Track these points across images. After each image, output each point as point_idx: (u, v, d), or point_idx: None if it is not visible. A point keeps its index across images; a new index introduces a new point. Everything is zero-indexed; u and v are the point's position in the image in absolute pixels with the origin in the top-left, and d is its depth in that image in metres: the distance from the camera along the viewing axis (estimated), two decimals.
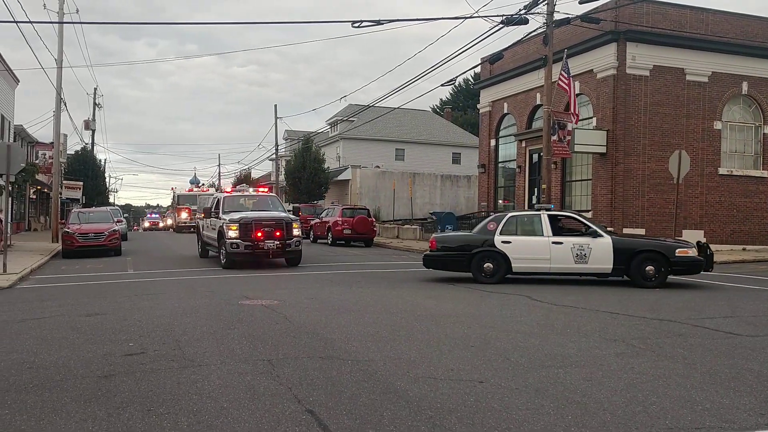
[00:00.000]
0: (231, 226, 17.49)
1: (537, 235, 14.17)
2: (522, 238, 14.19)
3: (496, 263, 14.08)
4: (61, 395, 5.50)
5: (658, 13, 23.34)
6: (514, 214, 14.89)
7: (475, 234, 14.82)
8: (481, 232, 14.70)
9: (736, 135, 25.10)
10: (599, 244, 13.76)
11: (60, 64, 31.04)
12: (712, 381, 5.90)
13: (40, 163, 42.46)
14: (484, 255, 14.15)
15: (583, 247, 13.78)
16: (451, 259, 14.62)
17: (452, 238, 15.42)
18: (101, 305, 10.97)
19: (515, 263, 14.06)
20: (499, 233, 14.22)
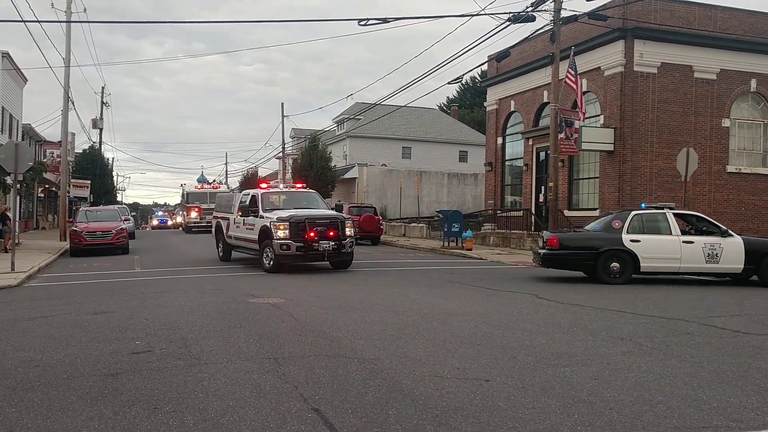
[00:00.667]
0: (279, 225, 15.92)
1: (664, 234, 14.00)
2: (651, 237, 13.96)
3: (623, 263, 13.83)
4: (67, 393, 5.52)
5: (666, 10, 23.22)
6: (638, 212, 14.52)
7: (599, 233, 14.46)
8: (605, 230, 14.38)
9: (745, 132, 24.94)
10: (730, 243, 13.74)
11: (68, 63, 31.16)
12: (719, 380, 5.87)
13: (48, 161, 42.67)
14: (611, 254, 13.85)
15: (714, 247, 13.70)
16: (575, 259, 14.28)
17: (576, 236, 14.92)
18: (108, 303, 11.00)
19: (644, 263, 13.84)
20: (626, 232, 13.97)
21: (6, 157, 16.79)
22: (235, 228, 18.76)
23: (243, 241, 18.25)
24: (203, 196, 41.98)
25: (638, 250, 13.81)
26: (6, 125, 35.36)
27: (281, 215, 16.32)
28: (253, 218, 17.39)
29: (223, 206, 20.71)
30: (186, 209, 43.25)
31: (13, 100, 37.11)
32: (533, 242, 24.72)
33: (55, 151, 45.96)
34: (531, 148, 28.28)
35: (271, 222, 16.21)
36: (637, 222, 14.14)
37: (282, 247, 15.88)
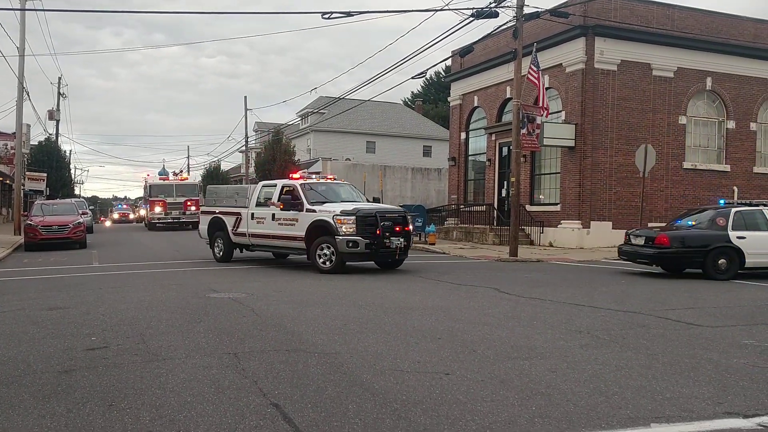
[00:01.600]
0: (345, 220, 14.45)
1: (763, 230, 14.25)
2: (756, 233, 14.17)
3: (729, 259, 13.96)
4: (19, 391, 5.38)
5: (626, 9, 23.61)
6: (739, 209, 14.63)
7: (705, 230, 14.44)
8: (710, 227, 14.42)
9: (701, 130, 25.54)
10: None
11: (22, 52, 30.28)
12: (672, 371, 6.01)
13: (2, 153, 41.49)
14: (719, 251, 13.95)
15: None
16: (687, 257, 14.24)
17: (689, 235, 14.59)
18: (64, 299, 10.75)
19: (749, 258, 14.02)
20: (732, 228, 14.10)
21: None
22: (255, 224, 16.63)
23: (274, 239, 16.17)
24: (169, 188, 38.00)
25: (744, 247, 14.02)
26: None
27: (345, 208, 14.86)
28: (295, 212, 15.47)
29: (223, 200, 18.38)
30: (149, 203, 38.26)
31: None
32: (495, 236, 24.98)
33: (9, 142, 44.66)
34: (494, 144, 28.52)
35: (333, 216, 14.58)
36: (739, 219, 14.34)
37: (349, 245, 14.37)
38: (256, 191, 17.24)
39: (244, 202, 17.34)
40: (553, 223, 24.18)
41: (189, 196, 37.84)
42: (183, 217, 37.09)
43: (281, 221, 15.91)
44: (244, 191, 18.01)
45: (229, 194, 18.56)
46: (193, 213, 36.08)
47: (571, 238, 23.15)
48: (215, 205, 18.53)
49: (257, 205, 16.88)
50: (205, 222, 18.55)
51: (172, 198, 36.97)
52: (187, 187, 38.67)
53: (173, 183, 38.42)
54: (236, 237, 17.34)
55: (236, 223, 17.29)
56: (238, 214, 17.29)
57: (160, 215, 37.12)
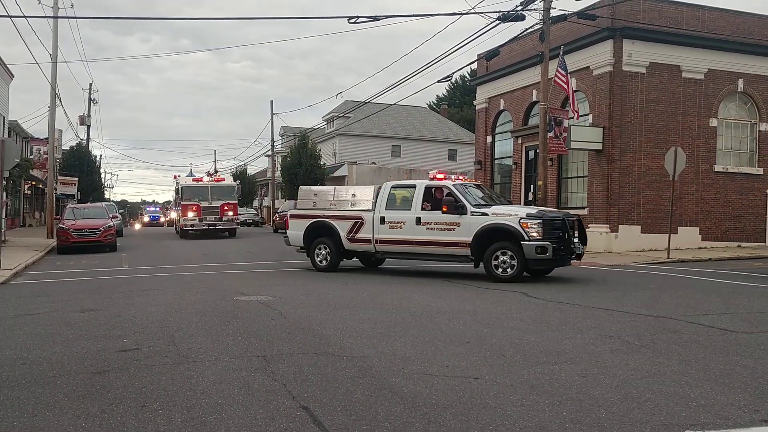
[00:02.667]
0: (531, 224, 13.49)
1: None
2: None
3: None
4: (54, 391, 5.47)
5: (655, 10, 23.32)
6: None
7: None
8: None
9: (732, 132, 25.10)
10: None
11: (55, 59, 30.91)
12: (706, 377, 5.90)
13: (35, 158, 42.34)
14: None
15: None
16: None
17: None
18: (95, 301, 10.93)
19: None
20: None
21: None
22: (387, 229, 15.14)
23: (420, 246, 14.79)
24: (203, 191, 32.51)
25: None
26: None
27: (529, 211, 14.04)
28: (455, 216, 14.25)
29: (329, 202, 16.55)
30: (181, 207, 33.04)
31: None
32: None
33: (42, 147, 45.57)
34: (520, 147, 28.34)
35: (520, 219, 13.63)
36: None
37: (537, 250, 13.41)
38: (384, 193, 15.66)
39: (366, 205, 15.79)
40: None
41: (226, 199, 32.70)
42: (219, 223, 32.42)
43: (432, 225, 14.54)
44: (364, 193, 16.36)
45: (340, 196, 16.64)
46: (230, 219, 32.62)
47: (598, 242, 22.88)
48: (315, 208, 16.70)
49: (387, 208, 15.40)
50: (299, 227, 16.52)
51: (207, 202, 32.00)
52: (224, 189, 33.20)
53: (208, 184, 33.06)
54: (353, 244, 15.76)
55: (354, 229, 15.66)
56: (357, 218, 15.67)
57: (194, 221, 32.13)
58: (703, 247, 23.20)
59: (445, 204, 14.39)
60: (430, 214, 14.63)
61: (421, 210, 14.81)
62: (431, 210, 14.68)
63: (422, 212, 14.76)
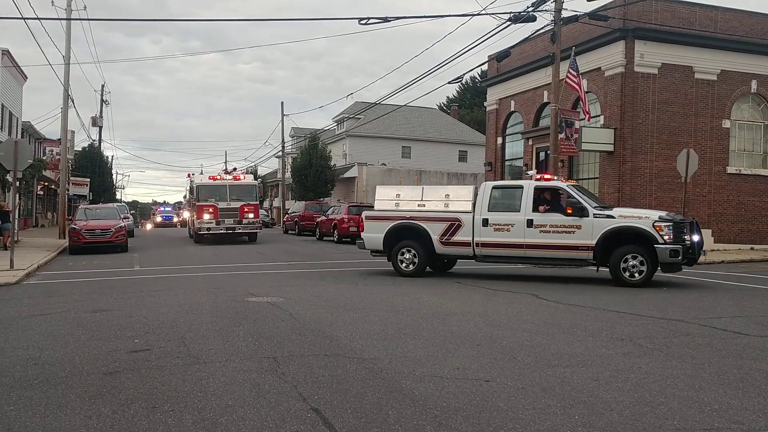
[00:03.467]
0: (663, 227, 13.09)
1: None
2: None
3: None
4: (66, 391, 5.50)
5: (667, 11, 23.20)
6: None
7: None
8: None
9: (745, 133, 24.94)
10: None
11: (68, 60, 31.12)
12: (720, 381, 5.85)
13: (48, 159, 42.62)
14: None
15: None
16: None
17: None
18: (107, 301, 10.98)
19: None
20: None
21: (5, 155, 16.76)
22: (492, 232, 14.37)
23: (532, 249, 14.09)
24: (220, 190, 28.95)
25: None
26: (6, 123, 35.34)
27: (660, 214, 13.61)
28: (575, 218, 13.66)
29: (416, 202, 15.62)
30: (196, 209, 29.26)
31: (12, 98, 37.08)
32: None
33: (54, 148, 45.91)
34: (531, 148, 28.26)
35: (653, 222, 13.15)
36: None
37: (671, 254, 12.98)
38: (485, 194, 14.83)
39: (464, 206, 14.98)
40: None
41: (246, 199, 29.20)
42: (239, 226, 28.79)
43: (546, 228, 13.91)
44: (461, 193, 15.48)
45: (431, 196, 15.67)
46: (251, 221, 29.01)
47: None
48: (399, 209, 15.64)
49: (490, 209, 14.61)
50: (379, 229, 15.39)
51: (225, 202, 28.61)
52: (244, 189, 29.66)
53: (226, 183, 29.42)
54: (447, 247, 14.91)
55: (449, 231, 14.79)
56: (453, 220, 14.78)
57: (210, 224, 28.50)
58: (716, 249, 23.03)
59: (569, 206, 13.91)
60: (545, 216, 14.01)
61: (532, 212, 14.12)
62: (546, 212, 14.09)
63: (534, 214, 14.08)
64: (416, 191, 16.02)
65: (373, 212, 16.13)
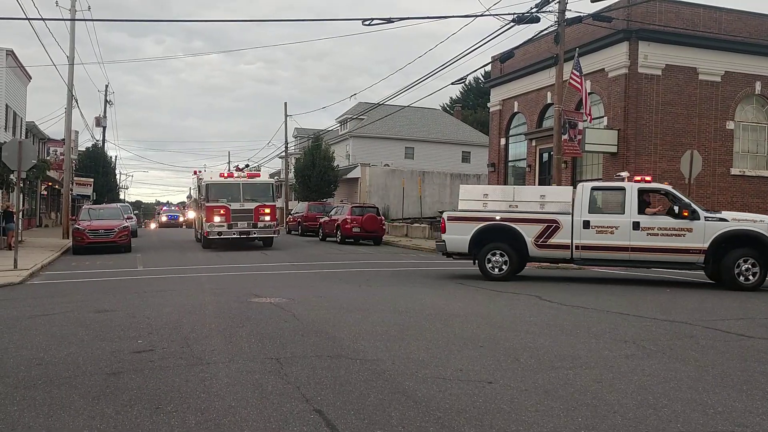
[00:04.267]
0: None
1: None
2: None
3: None
4: (69, 392, 5.51)
5: (671, 12, 23.17)
6: None
7: None
8: None
9: (749, 135, 24.89)
10: None
11: (72, 61, 31.18)
12: (724, 384, 5.84)
13: (52, 159, 42.72)
14: None
15: None
16: None
17: None
18: (110, 302, 11.00)
19: None
20: None
21: (9, 155, 16.81)
22: (594, 234, 13.99)
23: (639, 252, 13.79)
24: (233, 189, 25.46)
25: None
26: (10, 123, 35.42)
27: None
28: (685, 221, 13.49)
29: (508, 203, 15.03)
30: (206, 210, 25.43)
31: (17, 98, 37.17)
32: None
33: (58, 149, 46.02)
34: (534, 149, 28.24)
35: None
36: None
37: None
38: (583, 195, 14.37)
39: (561, 207, 14.58)
40: None
41: (261, 200, 25.66)
42: (254, 230, 25.37)
43: (655, 231, 13.66)
44: (558, 194, 15.06)
45: (524, 197, 15.13)
46: (267, 225, 25.49)
47: None
48: (487, 209, 14.96)
49: (591, 211, 14.21)
50: (464, 231, 14.66)
51: (238, 203, 25.13)
52: (259, 188, 26.22)
53: (239, 181, 25.82)
54: (543, 250, 14.40)
55: (545, 233, 14.30)
56: (550, 221, 14.30)
57: (221, 227, 24.87)
58: None
59: (684, 208, 13.65)
60: (652, 219, 13.82)
61: (638, 214, 13.85)
62: (656, 214, 14.01)
63: (641, 216, 13.82)
64: (507, 191, 15.43)
65: (457, 213, 15.32)
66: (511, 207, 14.90)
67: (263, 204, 25.54)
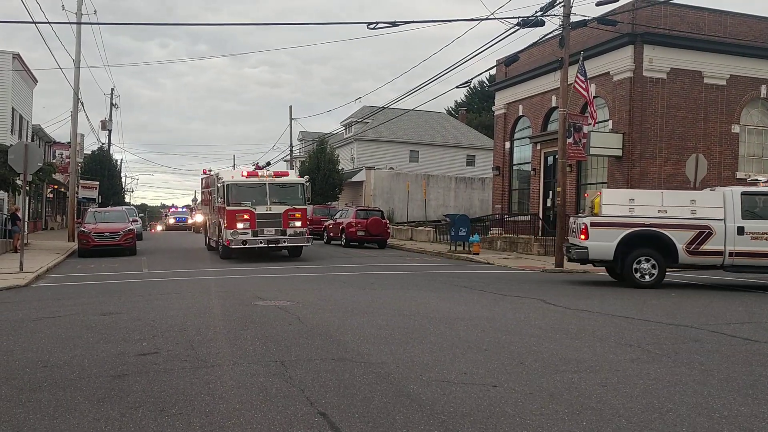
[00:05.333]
0: None
1: None
2: None
3: None
4: (74, 394, 5.52)
5: (676, 16, 23.14)
6: None
7: None
8: None
9: (755, 138, 24.81)
10: None
11: (78, 64, 31.33)
12: (729, 388, 5.82)
13: (57, 162, 42.88)
14: None
15: None
16: None
17: None
18: (116, 304, 11.03)
19: None
20: None
21: (16, 158, 16.88)
22: (749, 241, 13.88)
23: None
24: (258, 191, 21.71)
25: None
26: (16, 126, 35.55)
27: None
28: None
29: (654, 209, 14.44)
30: (227, 215, 21.38)
31: (23, 101, 37.31)
32: (540, 247, 24.66)
33: (64, 152, 46.17)
34: (539, 153, 28.21)
35: None
36: None
37: None
38: (734, 201, 14.10)
39: (713, 213, 14.16)
40: None
41: (291, 203, 22.15)
42: (283, 238, 21.64)
43: None
44: (709, 199, 14.58)
45: (674, 202, 14.54)
46: (298, 231, 21.80)
47: None
48: (634, 215, 14.38)
49: (744, 217, 13.97)
50: (611, 237, 14.21)
51: (265, 207, 21.52)
52: (288, 189, 22.45)
53: (265, 181, 21.98)
54: (694, 257, 14.08)
55: (697, 240, 13.98)
56: (702, 227, 13.99)
57: (245, 235, 21.12)
58: None
59: None
60: None
61: None
62: None
63: None
64: (654, 196, 14.99)
65: (601, 219, 14.61)
66: (660, 212, 14.41)
67: (293, 207, 21.90)
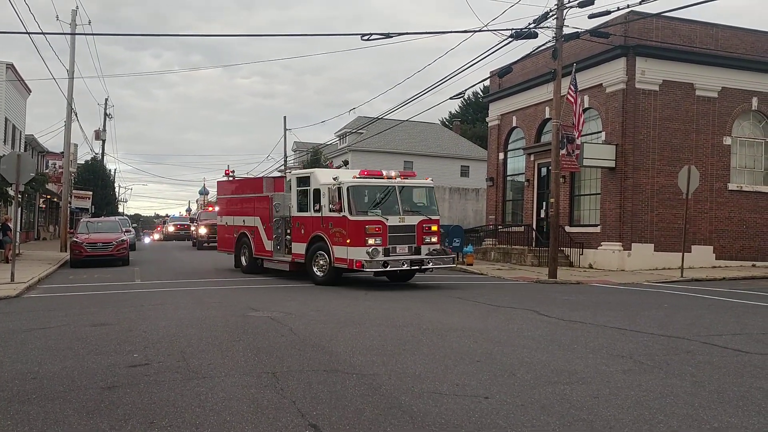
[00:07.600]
0: None
1: None
2: None
3: None
4: (63, 406, 5.49)
5: (668, 28, 23.31)
6: None
7: None
8: None
9: (746, 150, 24.94)
10: None
11: (72, 75, 31.31)
12: (720, 399, 5.83)
13: (51, 172, 42.78)
14: None
15: None
16: None
17: None
18: (107, 315, 10.97)
19: None
20: None
21: (8, 168, 16.83)
22: None
23: None
24: (387, 196, 16.75)
25: None
26: (9, 136, 35.47)
27: None
28: None
29: None
30: (350, 227, 15.97)
31: (16, 111, 37.25)
32: (534, 258, 24.69)
33: (57, 162, 46.08)
34: (532, 164, 28.29)
35: None
36: None
37: None
38: None
39: None
40: (593, 245, 23.79)
41: (423, 212, 17.21)
42: (425, 258, 16.51)
43: None
44: None
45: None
46: (434, 249, 16.83)
47: (611, 260, 22.73)
48: None
49: None
50: None
51: (397, 217, 16.35)
52: (418, 194, 17.86)
53: (395, 184, 16.91)
54: None
55: None
56: None
57: (376, 254, 15.64)
58: (717, 266, 22.98)
59: None
60: None
61: None
62: None
63: None
64: None
65: None
66: None
67: (428, 218, 17.00)
